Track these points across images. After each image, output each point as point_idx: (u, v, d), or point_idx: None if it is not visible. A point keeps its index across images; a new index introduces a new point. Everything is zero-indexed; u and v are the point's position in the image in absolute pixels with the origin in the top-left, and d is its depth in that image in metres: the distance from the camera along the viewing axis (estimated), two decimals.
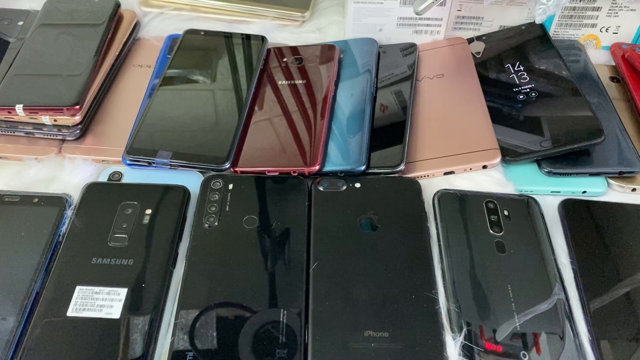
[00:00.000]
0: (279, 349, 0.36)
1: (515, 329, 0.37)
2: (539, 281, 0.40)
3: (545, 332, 0.37)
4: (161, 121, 0.50)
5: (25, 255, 0.40)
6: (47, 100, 0.48)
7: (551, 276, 0.40)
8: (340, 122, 0.50)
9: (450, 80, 0.55)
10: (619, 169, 0.47)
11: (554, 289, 0.39)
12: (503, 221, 0.43)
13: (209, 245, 0.41)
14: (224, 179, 0.46)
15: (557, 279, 0.40)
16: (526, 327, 0.37)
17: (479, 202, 0.44)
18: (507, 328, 0.37)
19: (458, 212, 0.44)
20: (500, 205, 0.44)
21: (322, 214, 0.44)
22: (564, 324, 0.38)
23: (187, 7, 0.63)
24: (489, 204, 0.44)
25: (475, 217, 0.43)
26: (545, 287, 0.39)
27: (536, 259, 0.41)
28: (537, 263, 0.41)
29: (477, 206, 0.44)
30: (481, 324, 0.37)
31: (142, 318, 0.37)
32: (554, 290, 0.39)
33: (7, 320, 0.37)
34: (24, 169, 0.48)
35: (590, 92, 0.53)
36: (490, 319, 0.38)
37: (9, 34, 0.57)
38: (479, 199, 0.45)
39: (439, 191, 0.45)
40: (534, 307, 0.38)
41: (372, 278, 0.40)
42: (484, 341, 0.37)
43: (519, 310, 0.38)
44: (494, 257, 0.41)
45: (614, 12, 0.58)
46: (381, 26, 0.59)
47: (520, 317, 0.38)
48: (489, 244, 0.42)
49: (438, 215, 0.44)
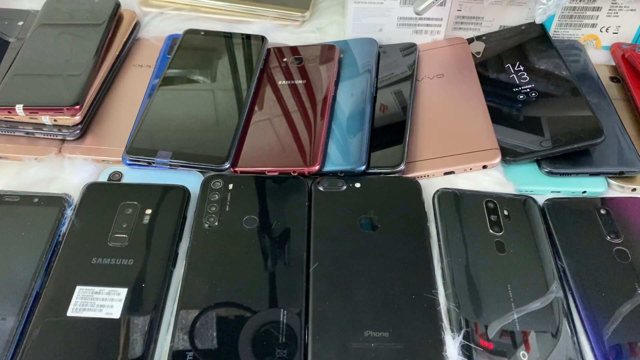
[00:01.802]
0: (279, 349, 0.36)
1: (514, 328, 0.37)
2: (538, 281, 0.40)
3: (544, 330, 0.37)
4: (161, 121, 0.50)
5: (25, 255, 0.40)
6: (47, 100, 0.48)
7: (549, 276, 0.40)
8: (340, 122, 0.50)
9: (450, 80, 0.55)
10: (619, 168, 0.47)
11: (551, 287, 0.39)
12: (503, 221, 0.43)
13: (209, 245, 0.41)
14: (224, 179, 0.46)
15: (556, 278, 0.40)
16: (525, 326, 0.37)
17: (478, 202, 0.44)
18: (506, 327, 0.37)
19: (458, 212, 0.44)
20: (500, 205, 0.44)
21: (322, 214, 0.44)
22: (561, 322, 0.38)
23: (187, 7, 0.63)
24: (488, 203, 0.44)
25: (475, 217, 0.43)
26: (544, 287, 0.39)
27: (535, 259, 0.41)
28: (536, 263, 0.41)
29: (477, 206, 0.44)
30: (481, 323, 0.37)
31: (142, 318, 0.37)
32: (551, 288, 0.39)
33: (7, 320, 0.37)
34: (24, 169, 0.48)
35: (590, 92, 0.53)
36: (489, 318, 0.38)
37: (9, 34, 0.57)
38: (479, 198, 0.45)
39: (439, 190, 0.45)
40: (532, 305, 0.38)
41: (372, 278, 0.40)
42: (483, 340, 0.37)
43: (518, 310, 0.38)
44: (493, 257, 0.41)
45: (614, 12, 0.58)
46: (381, 26, 0.59)
47: (520, 316, 0.38)
48: (489, 243, 0.42)
49: (438, 214, 0.44)
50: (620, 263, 0.41)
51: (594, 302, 0.39)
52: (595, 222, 0.44)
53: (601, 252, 0.42)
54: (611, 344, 0.37)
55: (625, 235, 0.43)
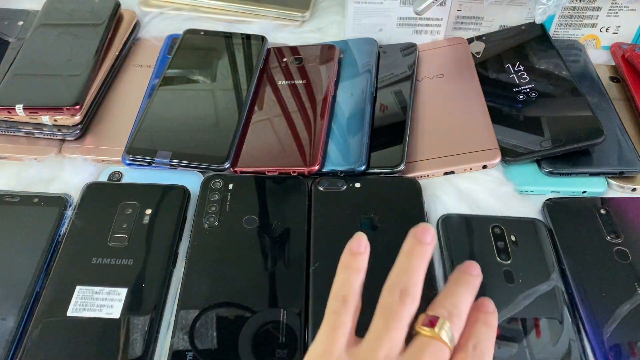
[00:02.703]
0: (279, 349, 0.36)
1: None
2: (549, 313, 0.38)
3: None
4: (161, 121, 0.50)
5: (25, 255, 0.40)
6: (47, 100, 0.48)
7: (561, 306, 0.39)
8: (340, 122, 0.50)
9: (450, 80, 0.55)
10: (620, 168, 0.47)
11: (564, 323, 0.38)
12: (510, 248, 0.42)
13: (209, 245, 0.41)
14: (223, 179, 0.46)
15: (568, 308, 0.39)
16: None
17: (484, 227, 0.43)
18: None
19: (463, 239, 0.43)
20: (506, 231, 0.43)
21: (322, 214, 0.44)
22: None
23: (187, 7, 0.63)
24: (495, 229, 0.43)
25: (481, 244, 0.42)
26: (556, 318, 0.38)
27: (546, 289, 0.39)
28: (547, 293, 0.39)
29: (483, 232, 0.43)
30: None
31: (142, 318, 0.37)
32: (564, 327, 0.38)
33: (7, 320, 0.37)
34: (24, 169, 0.48)
35: (590, 92, 0.53)
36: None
37: (9, 34, 0.57)
38: (485, 223, 0.43)
39: (443, 215, 0.44)
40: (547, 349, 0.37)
41: (372, 278, 0.39)
42: None
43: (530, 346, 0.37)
44: (502, 288, 0.39)
45: (614, 12, 0.58)
46: (381, 26, 0.59)
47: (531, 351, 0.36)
48: (497, 273, 0.40)
49: (442, 241, 0.42)
50: (620, 263, 0.41)
51: (594, 302, 0.39)
52: (595, 222, 0.44)
53: (601, 252, 0.42)
54: (611, 343, 0.37)
55: (625, 235, 0.43)
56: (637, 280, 0.40)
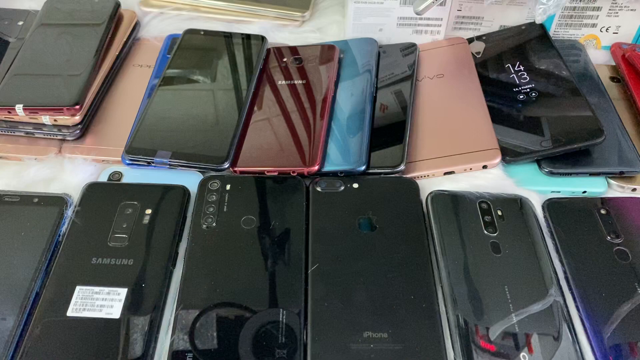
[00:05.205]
0: (279, 349, 0.36)
1: (513, 329, 0.37)
2: (535, 282, 0.40)
3: (542, 332, 0.37)
4: (161, 121, 0.50)
5: (25, 255, 0.40)
6: (47, 100, 0.48)
7: (547, 277, 0.40)
8: (340, 122, 0.50)
9: (450, 80, 0.55)
10: (620, 168, 0.47)
11: (550, 290, 0.39)
12: (497, 222, 0.43)
13: (207, 245, 0.41)
14: (221, 180, 0.46)
15: (554, 279, 0.40)
16: (523, 327, 0.37)
17: (472, 203, 0.44)
18: (504, 328, 0.37)
19: (451, 213, 0.44)
20: (493, 206, 0.44)
21: (321, 215, 0.44)
22: (560, 325, 0.38)
23: (187, 7, 0.63)
24: (482, 204, 0.44)
25: (469, 218, 0.43)
26: (542, 288, 0.39)
27: (532, 259, 0.41)
28: (532, 263, 0.41)
29: (471, 207, 0.44)
30: (479, 324, 0.37)
31: (142, 318, 0.37)
32: (550, 292, 0.39)
33: (7, 320, 0.37)
34: (24, 169, 0.48)
35: (590, 92, 0.53)
36: (487, 319, 0.38)
37: (9, 34, 0.57)
38: (472, 199, 0.45)
39: (432, 192, 0.45)
40: (530, 307, 0.38)
41: (371, 278, 0.40)
42: (481, 341, 0.37)
43: (516, 311, 0.38)
44: (489, 258, 0.41)
45: (614, 12, 0.58)
46: (381, 26, 0.59)
47: (518, 318, 0.38)
48: (484, 244, 0.42)
49: (432, 216, 0.44)
50: (621, 263, 0.41)
51: (594, 302, 0.39)
52: (595, 222, 0.44)
53: (601, 252, 0.42)
54: (611, 343, 0.37)
55: (625, 235, 0.43)
56: (637, 280, 0.40)
